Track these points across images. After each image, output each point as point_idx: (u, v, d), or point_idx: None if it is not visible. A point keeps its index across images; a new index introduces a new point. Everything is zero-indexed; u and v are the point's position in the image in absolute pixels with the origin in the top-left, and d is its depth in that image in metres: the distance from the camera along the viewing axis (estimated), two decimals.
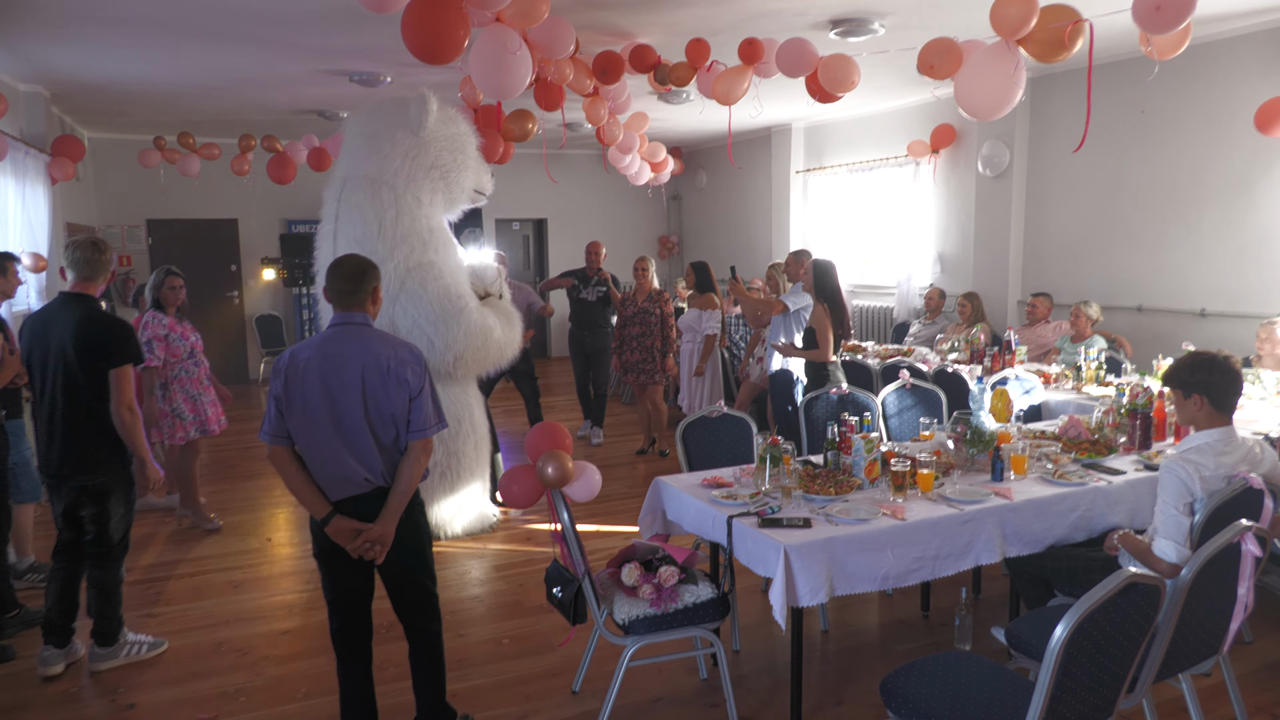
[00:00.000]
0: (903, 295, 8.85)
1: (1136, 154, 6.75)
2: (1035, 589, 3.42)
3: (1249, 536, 2.54)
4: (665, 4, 5.13)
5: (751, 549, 3.02)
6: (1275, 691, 3.44)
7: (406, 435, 2.81)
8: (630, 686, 3.47)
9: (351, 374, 2.72)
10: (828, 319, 5.37)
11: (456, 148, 5.11)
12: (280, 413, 2.75)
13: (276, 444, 2.77)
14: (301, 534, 5.51)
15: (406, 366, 2.77)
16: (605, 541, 5.20)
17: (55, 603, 3.69)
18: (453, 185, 5.15)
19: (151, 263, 10.58)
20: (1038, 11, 3.80)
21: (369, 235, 4.79)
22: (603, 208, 12.77)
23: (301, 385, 2.72)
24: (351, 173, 4.96)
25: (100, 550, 3.68)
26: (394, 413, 2.76)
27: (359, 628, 2.96)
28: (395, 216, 4.84)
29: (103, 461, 3.58)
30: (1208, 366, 2.92)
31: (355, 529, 2.76)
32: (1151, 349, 6.08)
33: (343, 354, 2.74)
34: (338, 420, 2.73)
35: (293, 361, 2.75)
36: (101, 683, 3.65)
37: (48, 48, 5.92)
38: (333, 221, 4.91)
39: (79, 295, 3.59)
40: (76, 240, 3.64)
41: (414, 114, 4.90)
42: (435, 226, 5.07)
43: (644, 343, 7.06)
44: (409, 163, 4.91)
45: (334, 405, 2.73)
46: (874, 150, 9.23)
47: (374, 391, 2.74)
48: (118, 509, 3.66)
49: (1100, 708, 2.27)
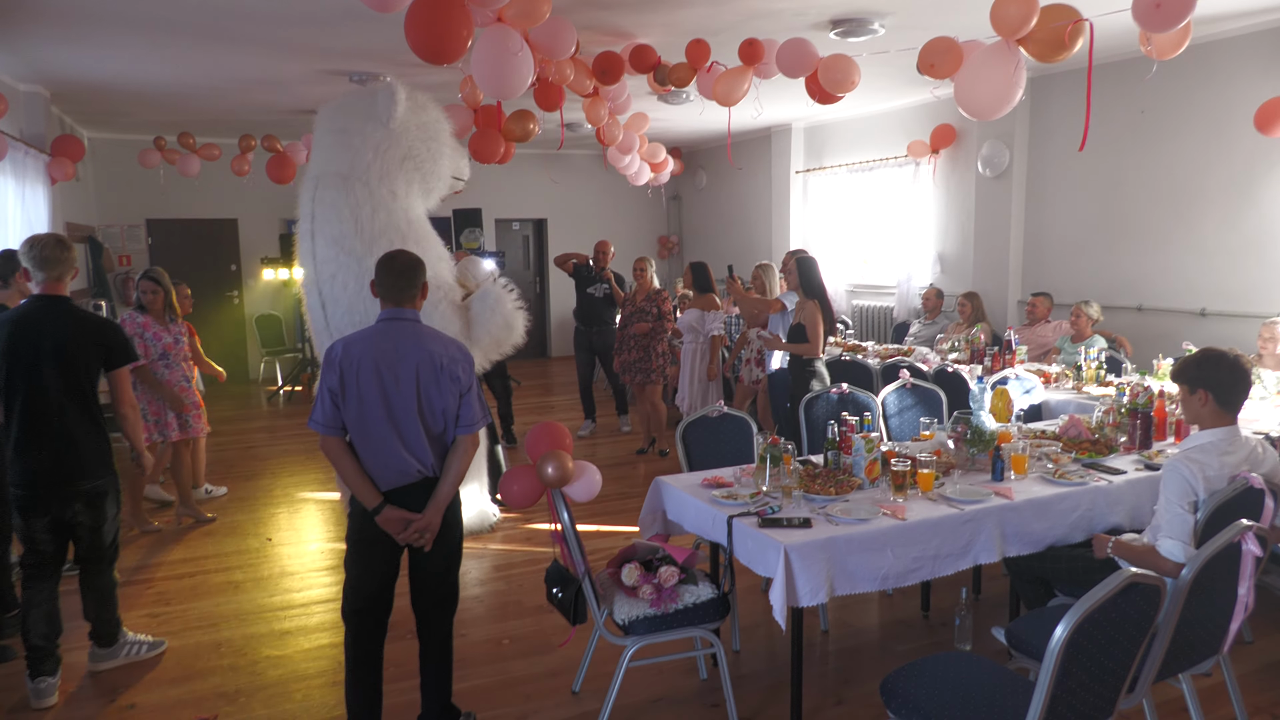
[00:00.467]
0: (903, 295, 8.85)
1: (1136, 154, 6.75)
2: (1035, 589, 3.42)
3: (1249, 536, 2.54)
4: (665, 4, 5.13)
5: (751, 549, 3.02)
6: (1275, 691, 3.44)
7: (455, 429, 2.92)
8: (630, 686, 3.46)
9: (407, 369, 2.82)
10: (819, 314, 5.36)
11: (429, 136, 5.01)
12: (335, 404, 2.82)
13: (329, 434, 2.84)
14: (302, 534, 5.51)
15: (458, 364, 2.89)
16: (605, 541, 5.20)
17: (45, 629, 3.48)
18: (428, 175, 5.05)
19: (151, 262, 10.59)
20: (1038, 11, 3.80)
21: (346, 233, 4.72)
22: (602, 208, 12.77)
23: (357, 379, 2.80)
24: (324, 170, 4.86)
25: (95, 556, 3.60)
26: (445, 408, 2.88)
27: (379, 612, 3.01)
28: (371, 212, 4.76)
29: (102, 463, 3.55)
30: (1216, 362, 2.91)
31: (405, 518, 2.86)
32: (1151, 349, 6.08)
33: (397, 350, 2.83)
34: (393, 413, 2.82)
35: (346, 354, 2.82)
36: (101, 683, 3.65)
37: (48, 48, 5.93)
38: (309, 221, 4.83)
39: (57, 297, 3.46)
40: (39, 238, 3.48)
41: (382, 106, 4.80)
42: (414, 218, 4.99)
43: (642, 342, 7.08)
44: (381, 156, 4.82)
45: (389, 399, 2.81)
46: (874, 150, 9.22)
47: (428, 387, 2.84)
48: (111, 510, 3.61)
49: (1100, 708, 2.26)
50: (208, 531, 5.55)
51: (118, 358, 3.52)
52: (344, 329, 4.86)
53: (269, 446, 7.84)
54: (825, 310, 5.43)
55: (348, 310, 4.79)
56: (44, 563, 3.51)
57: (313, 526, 5.67)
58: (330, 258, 4.75)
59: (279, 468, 7.09)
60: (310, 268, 4.86)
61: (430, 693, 3.09)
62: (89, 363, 3.46)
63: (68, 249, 3.50)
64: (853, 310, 9.80)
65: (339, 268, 4.74)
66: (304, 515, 5.90)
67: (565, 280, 12.72)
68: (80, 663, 3.76)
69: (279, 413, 9.41)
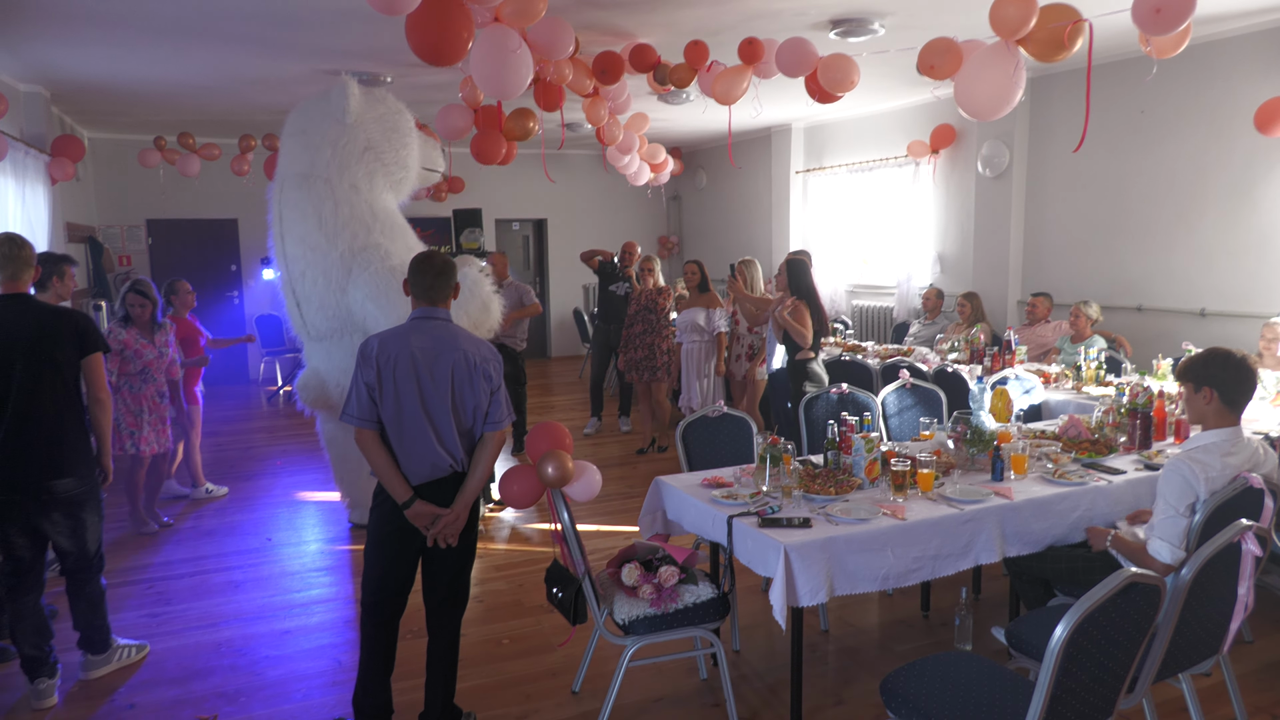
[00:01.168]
0: (903, 295, 8.85)
1: (1136, 154, 6.75)
2: (1035, 589, 3.42)
3: (1249, 536, 2.54)
4: (665, 4, 5.13)
5: (751, 549, 3.02)
6: (1275, 691, 3.44)
7: (483, 426, 3.02)
8: (630, 686, 3.47)
9: (443, 368, 2.92)
10: (805, 310, 5.53)
11: (389, 126, 5.06)
12: (372, 399, 2.90)
13: (365, 427, 2.91)
14: (302, 534, 5.51)
15: (489, 364, 3.00)
16: (605, 541, 5.20)
17: (36, 638, 3.46)
18: (390, 164, 5.07)
19: (151, 263, 10.60)
20: (1038, 11, 3.80)
21: (310, 230, 4.78)
22: (602, 208, 12.78)
23: (394, 375, 2.89)
24: (287, 173, 4.94)
25: (80, 566, 3.53)
26: (476, 405, 2.99)
27: (396, 604, 3.09)
28: (334, 207, 4.81)
29: (81, 463, 3.44)
30: (1223, 362, 2.89)
31: (434, 513, 2.94)
32: (1151, 349, 6.09)
33: (433, 348, 2.93)
34: (428, 409, 2.91)
35: (383, 351, 2.90)
36: (102, 682, 3.65)
37: (48, 48, 5.93)
38: (279, 224, 4.91)
39: (19, 295, 3.40)
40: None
41: (335, 102, 4.89)
42: (380, 210, 4.99)
43: (645, 340, 7.10)
44: (339, 151, 4.87)
45: (425, 395, 2.91)
46: (874, 150, 9.23)
47: (461, 385, 2.95)
48: (91, 519, 3.51)
49: (1100, 708, 2.26)
50: (208, 531, 5.55)
51: (90, 344, 3.45)
52: (319, 326, 4.92)
53: (269, 446, 7.84)
54: (815, 310, 5.53)
55: (319, 307, 4.85)
56: (24, 571, 3.44)
57: (313, 526, 5.67)
58: (298, 256, 4.84)
59: (279, 468, 7.09)
60: (283, 269, 4.95)
61: (436, 688, 3.13)
62: (65, 354, 3.38)
63: (21, 247, 3.42)
64: (853, 310, 9.80)
65: (307, 265, 4.82)
66: (304, 515, 5.90)
67: (565, 280, 12.81)
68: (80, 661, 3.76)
69: (279, 413, 9.41)
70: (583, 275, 12.00)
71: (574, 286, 12.72)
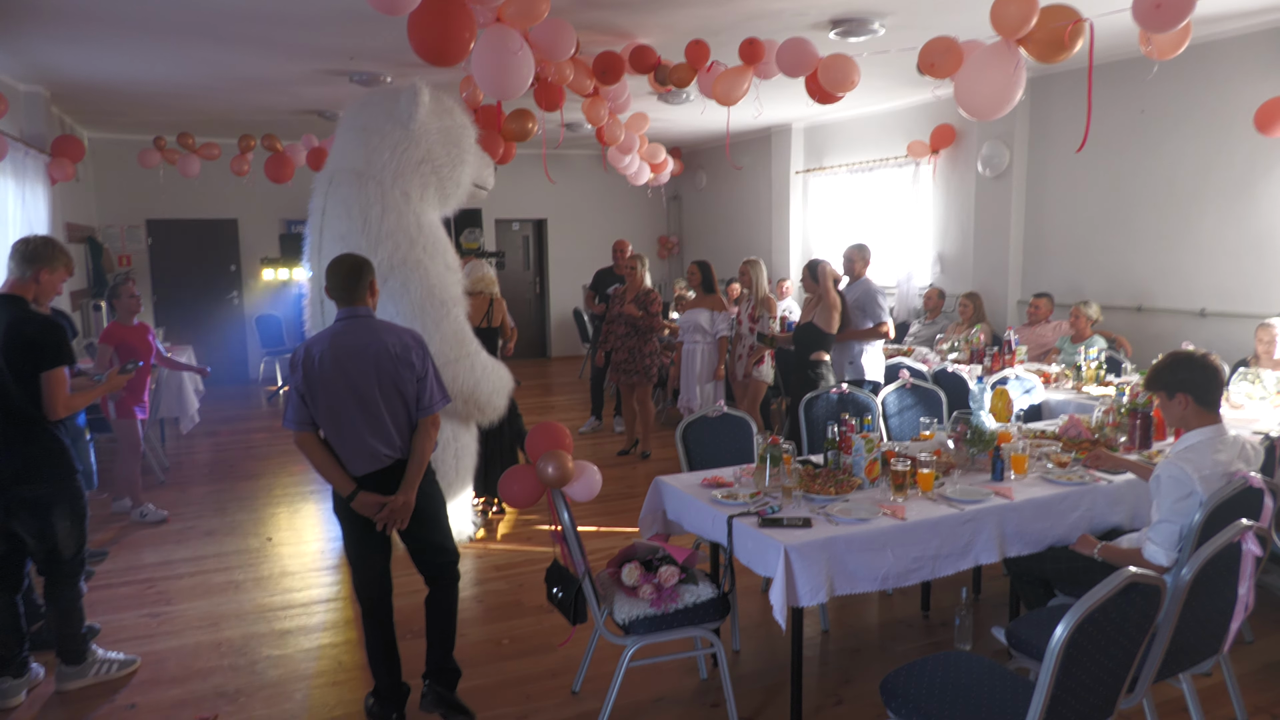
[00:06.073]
0: (903, 295, 8.85)
1: (1136, 154, 6.75)
2: (1035, 589, 3.42)
3: (1249, 536, 2.54)
4: (665, 4, 5.13)
5: (752, 549, 3.02)
6: (1275, 691, 3.44)
7: (417, 413, 3.10)
8: (630, 686, 3.46)
9: (366, 362, 3.00)
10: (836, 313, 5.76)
11: (451, 141, 4.90)
12: (304, 402, 3.01)
13: (302, 430, 3.03)
14: (302, 534, 5.51)
15: (410, 351, 3.07)
16: (605, 541, 5.20)
17: (2, 635, 3.44)
18: (445, 180, 4.93)
19: (151, 263, 10.60)
20: (1038, 11, 3.80)
21: (353, 230, 4.62)
22: (602, 208, 12.78)
23: (321, 376, 2.98)
24: (340, 166, 4.80)
25: (52, 568, 3.47)
26: (405, 393, 3.07)
27: (380, 581, 3.21)
28: (381, 212, 4.65)
29: (47, 466, 3.37)
30: (1187, 364, 2.94)
31: (379, 501, 3.05)
32: (1151, 349, 6.08)
33: (354, 345, 3.01)
34: (359, 404, 3.00)
35: (308, 356, 3.00)
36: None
37: (48, 48, 5.93)
38: (319, 215, 4.78)
39: (10, 297, 3.39)
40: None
41: (404, 106, 4.70)
42: (425, 224, 4.81)
43: (628, 343, 7.03)
44: (397, 156, 4.71)
45: (354, 391, 3.00)
46: (874, 150, 9.23)
47: (387, 376, 3.03)
48: (63, 524, 3.43)
49: (1100, 708, 2.26)
50: (208, 531, 5.55)
51: (49, 359, 3.33)
52: None
53: (269, 446, 7.84)
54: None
55: None
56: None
57: (313, 526, 5.67)
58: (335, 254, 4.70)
59: (279, 468, 7.09)
60: (316, 265, 4.79)
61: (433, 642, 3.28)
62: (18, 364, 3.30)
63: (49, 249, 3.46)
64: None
65: None
66: (304, 515, 5.90)
67: (565, 280, 12.81)
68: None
69: (279, 413, 9.41)
70: (582, 275, 11.99)
71: (574, 286, 12.72)
